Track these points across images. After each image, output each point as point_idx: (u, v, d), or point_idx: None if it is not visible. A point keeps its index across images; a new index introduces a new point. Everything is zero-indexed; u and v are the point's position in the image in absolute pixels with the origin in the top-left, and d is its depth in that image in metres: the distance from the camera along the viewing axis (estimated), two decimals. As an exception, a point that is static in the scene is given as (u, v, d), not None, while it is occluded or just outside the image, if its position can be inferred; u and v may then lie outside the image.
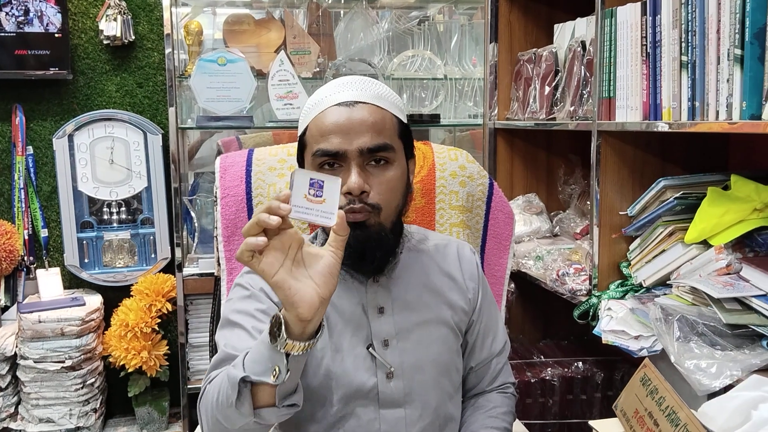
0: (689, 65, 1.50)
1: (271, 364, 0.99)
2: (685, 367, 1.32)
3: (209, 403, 1.10)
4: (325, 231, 1.23)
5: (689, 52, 1.50)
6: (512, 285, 2.38)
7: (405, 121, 1.25)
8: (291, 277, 0.96)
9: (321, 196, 0.98)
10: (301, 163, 1.25)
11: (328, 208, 0.98)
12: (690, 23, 1.49)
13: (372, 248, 1.17)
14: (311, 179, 0.98)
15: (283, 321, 0.98)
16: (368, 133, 1.15)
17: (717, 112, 1.42)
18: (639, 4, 1.66)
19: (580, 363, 2.21)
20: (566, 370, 2.20)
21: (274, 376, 0.98)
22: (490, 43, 2.56)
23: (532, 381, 2.16)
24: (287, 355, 0.98)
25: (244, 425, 1.05)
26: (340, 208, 1.07)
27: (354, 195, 1.13)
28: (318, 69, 2.73)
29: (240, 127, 2.65)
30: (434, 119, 2.74)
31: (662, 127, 1.58)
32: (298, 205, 0.97)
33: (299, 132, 1.25)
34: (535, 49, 2.36)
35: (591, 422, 1.38)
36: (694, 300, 1.50)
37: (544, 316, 2.61)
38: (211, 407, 1.09)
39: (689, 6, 1.49)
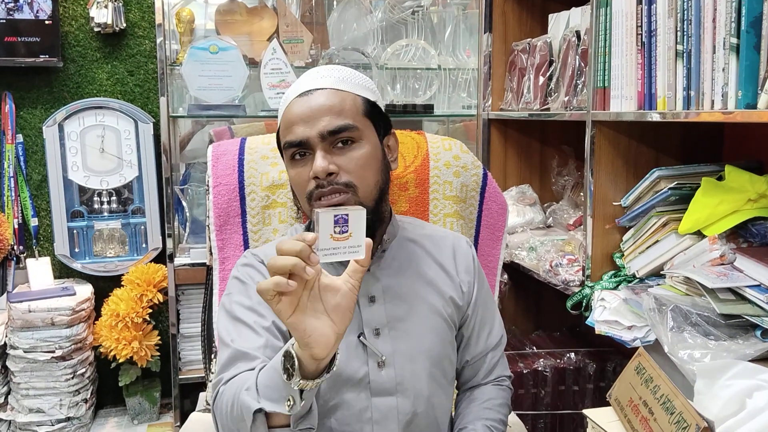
0: (685, 54, 1.49)
1: (285, 393, 0.99)
2: (678, 356, 1.32)
3: (224, 412, 1.11)
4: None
5: (685, 41, 1.49)
6: (505, 276, 2.38)
7: (374, 99, 1.25)
8: (306, 317, 0.94)
9: (347, 231, 0.95)
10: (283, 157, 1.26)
11: (355, 241, 0.95)
12: (686, 12, 1.48)
13: None
14: (335, 216, 0.94)
15: (296, 358, 0.97)
16: (327, 116, 1.17)
17: (712, 102, 1.41)
18: (635, -7, 1.66)
19: (572, 354, 2.22)
20: (558, 361, 2.20)
21: (288, 407, 0.99)
22: (484, 33, 2.55)
23: (525, 372, 2.16)
24: (301, 390, 0.98)
25: None
26: (311, 194, 1.14)
27: (321, 178, 1.15)
28: (311, 59, 2.71)
29: (232, 116, 2.63)
30: (427, 110, 2.73)
31: (657, 116, 1.57)
32: (326, 248, 0.94)
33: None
34: (529, 39, 2.35)
35: (585, 411, 1.38)
36: (687, 290, 1.50)
37: (537, 307, 2.61)
38: (225, 416, 1.10)
39: (685, -5, 1.48)
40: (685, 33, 1.49)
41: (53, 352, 2.55)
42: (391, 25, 2.81)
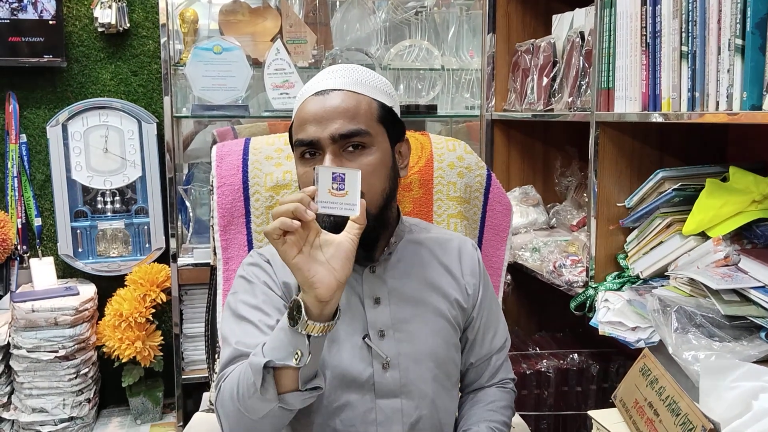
0: (689, 55, 1.49)
1: (292, 348, 1.02)
2: (683, 358, 1.32)
3: (228, 399, 1.11)
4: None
5: (689, 42, 1.49)
6: (508, 277, 2.38)
7: (390, 104, 1.24)
8: (309, 260, 1.00)
9: (343, 189, 1.03)
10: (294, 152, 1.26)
11: (351, 199, 1.03)
12: (691, 13, 1.48)
13: None
14: (333, 173, 1.03)
15: (302, 304, 1.01)
16: (340, 119, 1.16)
17: (717, 103, 1.41)
18: (639, -6, 1.65)
19: (576, 355, 2.22)
20: (562, 362, 2.20)
21: (296, 360, 1.02)
22: (488, 33, 2.55)
23: (528, 373, 2.16)
24: (308, 337, 1.01)
25: (269, 412, 1.07)
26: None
27: None
28: (314, 59, 2.71)
29: (235, 116, 2.63)
30: (431, 110, 2.73)
31: (661, 117, 1.57)
32: (324, 201, 1.03)
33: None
34: (533, 40, 2.35)
35: (590, 412, 1.37)
36: (692, 291, 1.50)
37: (540, 308, 2.61)
38: (231, 401, 1.10)
39: (690, -4, 1.48)
40: (689, 34, 1.49)
41: (56, 351, 2.55)
42: (395, 25, 2.81)
